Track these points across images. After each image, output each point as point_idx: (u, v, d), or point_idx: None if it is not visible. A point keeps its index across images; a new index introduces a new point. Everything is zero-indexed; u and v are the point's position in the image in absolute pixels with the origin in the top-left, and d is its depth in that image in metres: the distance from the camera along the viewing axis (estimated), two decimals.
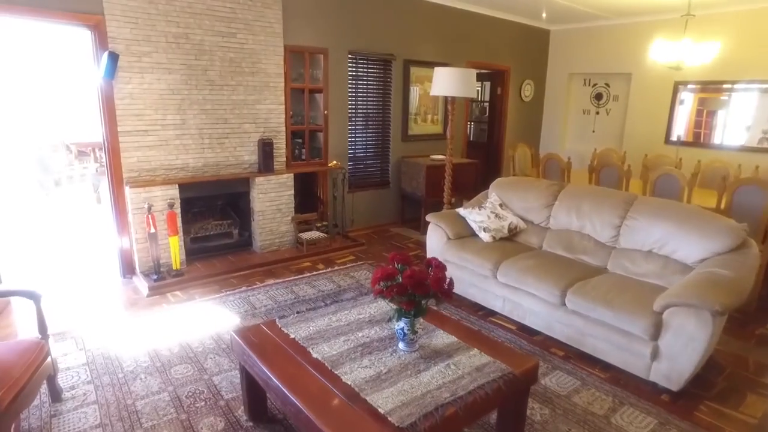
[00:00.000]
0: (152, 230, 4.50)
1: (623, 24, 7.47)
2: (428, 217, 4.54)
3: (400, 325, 2.37)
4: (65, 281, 4.75)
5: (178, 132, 4.77)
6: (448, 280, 2.28)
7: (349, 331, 2.63)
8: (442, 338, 2.58)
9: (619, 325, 3.08)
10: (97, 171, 8.03)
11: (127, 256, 4.79)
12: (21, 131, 7.82)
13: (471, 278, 4.14)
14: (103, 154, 4.56)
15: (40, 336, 2.84)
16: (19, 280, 4.63)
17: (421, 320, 2.50)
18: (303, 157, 5.81)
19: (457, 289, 3.62)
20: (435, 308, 2.99)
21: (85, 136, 9.87)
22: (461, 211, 4.54)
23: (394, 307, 2.36)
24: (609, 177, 5.53)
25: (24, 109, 8.00)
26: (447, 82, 4.62)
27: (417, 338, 2.44)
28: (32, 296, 2.83)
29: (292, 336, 2.58)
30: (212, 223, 5.40)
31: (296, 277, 4.95)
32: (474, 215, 4.43)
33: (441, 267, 2.36)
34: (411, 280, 2.18)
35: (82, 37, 4.45)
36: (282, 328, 2.66)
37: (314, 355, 2.39)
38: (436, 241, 4.47)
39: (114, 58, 4.25)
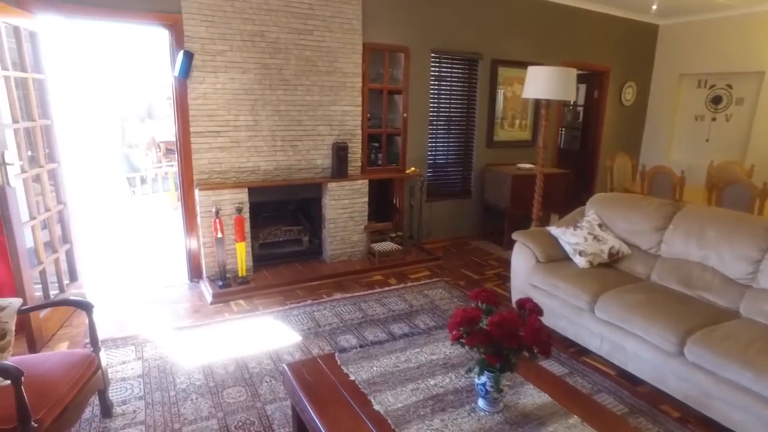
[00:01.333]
0: (219, 235, 4.32)
1: (753, 13, 6.41)
2: (515, 236, 4.01)
3: (482, 380, 1.91)
4: (137, 282, 4.70)
5: (250, 133, 4.58)
6: (544, 329, 1.78)
7: (419, 377, 2.20)
8: (533, 396, 2.09)
9: (765, 394, 2.40)
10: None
11: (195, 259, 4.66)
12: (110, 128, 8.11)
13: (562, 309, 3.57)
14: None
15: (91, 348, 2.66)
16: (95, 279, 4.64)
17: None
18: (379, 162, 5.46)
19: (546, 320, 3.06)
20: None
21: (172, 135, 10.22)
22: (553, 230, 3.96)
23: (476, 356, 1.90)
24: (736, 197, 4.66)
25: (113, 107, 8.29)
26: (543, 82, 4.07)
27: (502, 397, 1.96)
28: (85, 307, 2.66)
29: (351, 377, 2.19)
30: (282, 229, 5.17)
31: (366, 292, 4.59)
32: (568, 236, 3.84)
33: (537, 311, 1.86)
34: (499, 330, 1.71)
35: (160, 37, 4.36)
36: (341, 366, 2.28)
37: (375, 407, 1.99)
38: (522, 263, 3.92)
39: (189, 56, 4.11)
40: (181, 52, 4.08)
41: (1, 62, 3.10)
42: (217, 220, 4.29)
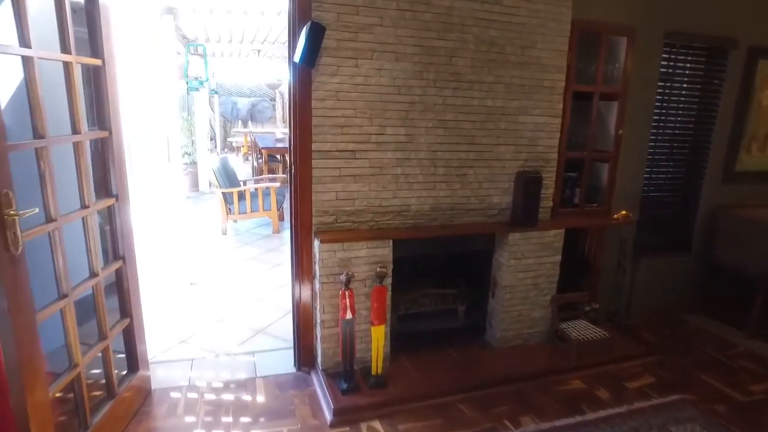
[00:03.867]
0: (349, 316, 2.70)
1: None
2: None
3: None
4: (222, 363, 3.23)
5: (401, 155, 2.94)
6: None
7: None
8: None
9: None
10: (284, 182, 6.87)
11: (308, 339, 3.09)
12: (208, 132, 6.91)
13: None
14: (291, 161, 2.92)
15: None
16: (164, 356, 3.24)
17: None
18: (575, 200, 3.61)
19: None
20: None
21: (278, 145, 8.98)
22: None
23: None
24: None
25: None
26: None
27: None
28: None
29: None
30: (429, 293, 3.49)
31: (570, 420, 2.78)
32: None
33: None
34: None
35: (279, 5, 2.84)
36: None
37: None
38: None
39: (317, 33, 2.56)
40: (307, 27, 2.53)
41: None
42: (347, 293, 2.68)
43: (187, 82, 4.51)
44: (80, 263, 2.16)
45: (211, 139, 11.87)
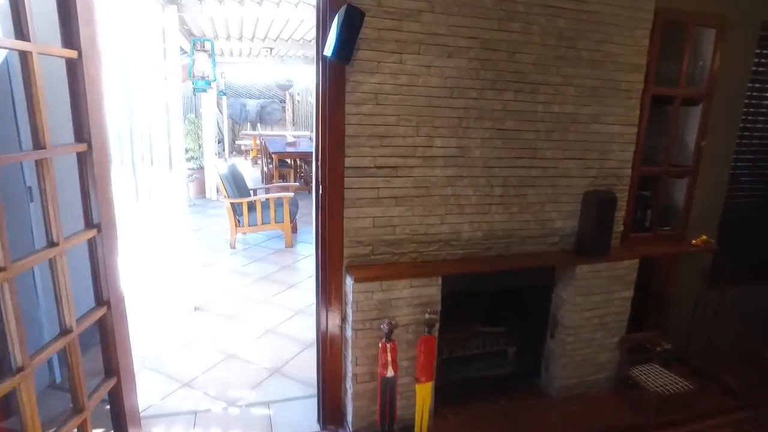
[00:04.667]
0: (390, 374, 2.15)
1: None
2: None
3: None
4: (231, 407, 2.70)
5: (452, 172, 2.40)
6: None
7: None
8: None
9: None
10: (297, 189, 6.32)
11: (334, 393, 2.55)
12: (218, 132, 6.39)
13: None
14: (311, 165, 2.39)
15: None
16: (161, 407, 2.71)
17: None
18: (646, 223, 3.06)
19: None
20: None
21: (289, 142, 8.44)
22: None
23: None
24: None
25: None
26: None
27: None
28: None
29: None
30: (477, 332, 2.94)
31: None
32: None
33: None
34: None
35: None
36: None
37: None
38: None
39: (354, 19, 2.03)
40: (341, 12, 2.00)
41: None
42: (388, 346, 2.13)
43: (193, 82, 4.00)
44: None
45: (219, 142, 11.38)
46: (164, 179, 3.39)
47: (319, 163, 2.25)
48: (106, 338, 1.97)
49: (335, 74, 2.14)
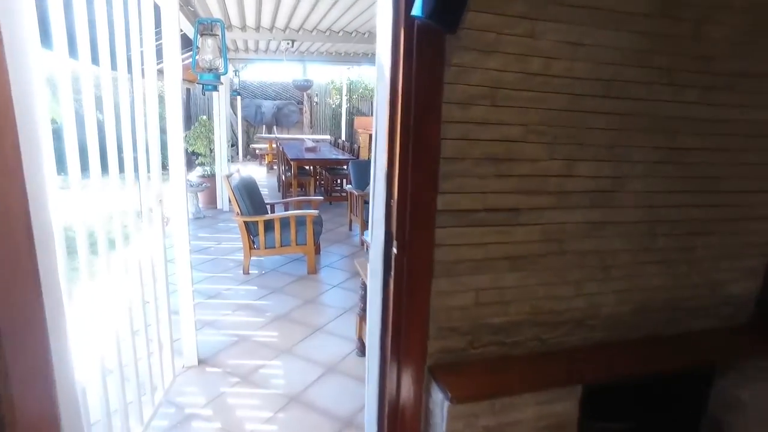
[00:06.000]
0: None
1: None
2: None
3: None
4: None
5: (597, 215, 1.49)
6: None
7: None
8: None
9: None
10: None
11: None
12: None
13: None
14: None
15: None
16: None
17: None
18: None
19: None
20: None
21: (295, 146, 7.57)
22: None
23: None
24: None
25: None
26: None
27: None
28: None
29: None
30: (591, 426, 1.99)
31: None
32: None
33: None
34: None
35: None
36: None
37: None
38: None
39: None
40: None
41: None
42: None
43: (198, 76, 3.12)
44: None
45: (233, 145, 10.55)
46: (154, 198, 2.48)
47: (392, 202, 1.34)
48: None
49: (426, 52, 1.24)
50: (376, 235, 1.45)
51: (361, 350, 3.19)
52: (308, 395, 2.88)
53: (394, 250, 1.34)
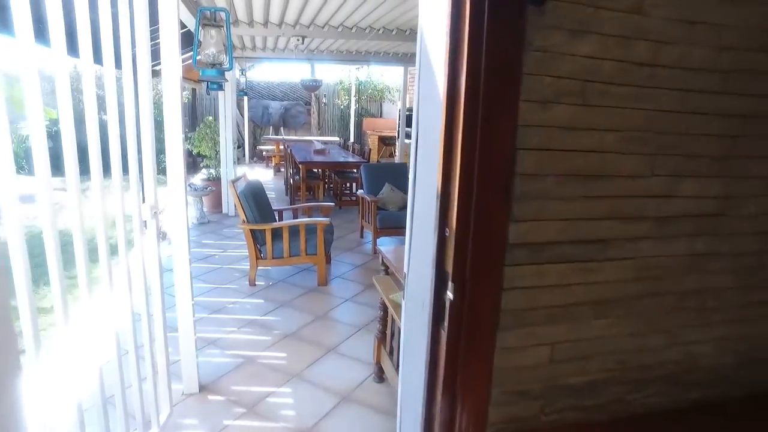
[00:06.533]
0: None
1: None
2: None
3: None
4: None
5: (702, 246, 1.16)
6: None
7: None
8: None
9: None
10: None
11: None
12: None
13: None
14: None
15: None
16: None
17: None
18: None
19: None
20: None
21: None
22: None
23: None
24: None
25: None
26: None
27: None
28: None
29: None
30: None
31: None
32: None
33: None
34: None
35: None
36: None
37: None
38: None
39: None
40: None
41: None
42: None
43: (200, 71, 2.81)
44: None
45: (239, 147, 10.26)
46: (148, 209, 2.17)
47: (448, 232, 1.01)
48: None
49: (501, 30, 0.90)
50: (417, 271, 1.13)
51: (379, 376, 2.88)
52: (321, 430, 2.56)
53: (450, 295, 1.01)
